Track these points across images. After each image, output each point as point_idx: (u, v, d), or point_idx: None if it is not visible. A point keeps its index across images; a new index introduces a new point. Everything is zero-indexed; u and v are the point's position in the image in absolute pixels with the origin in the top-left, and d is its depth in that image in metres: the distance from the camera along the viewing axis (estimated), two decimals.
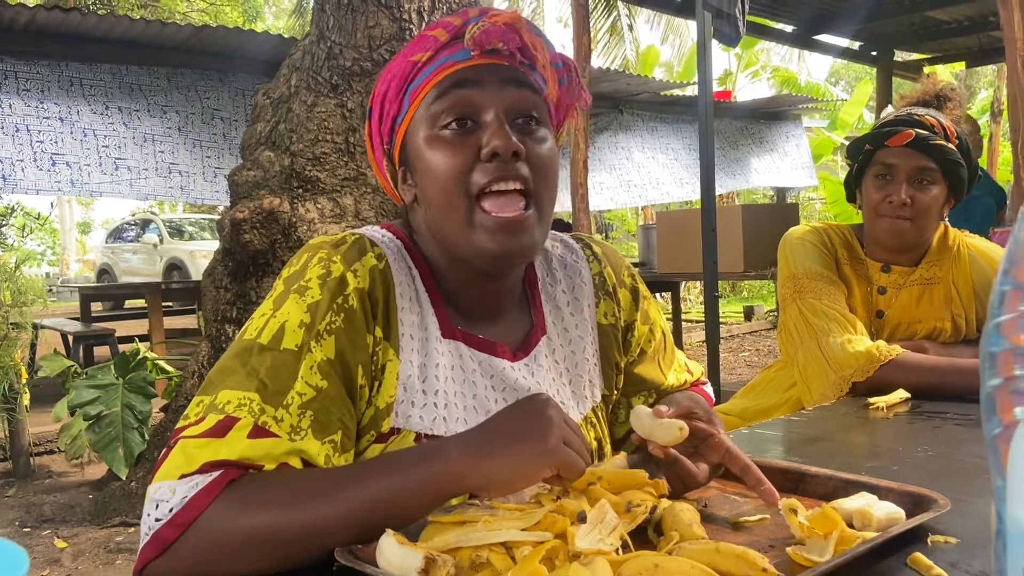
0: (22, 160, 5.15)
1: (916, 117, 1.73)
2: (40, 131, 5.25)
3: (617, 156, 8.64)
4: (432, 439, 0.94)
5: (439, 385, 0.97)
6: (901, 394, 1.56)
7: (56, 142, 5.30)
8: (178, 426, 0.85)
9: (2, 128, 5.10)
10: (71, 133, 5.37)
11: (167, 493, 0.79)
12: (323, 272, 0.92)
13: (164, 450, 0.84)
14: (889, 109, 1.87)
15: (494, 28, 0.93)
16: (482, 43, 0.94)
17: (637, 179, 8.76)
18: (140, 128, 5.66)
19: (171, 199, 5.88)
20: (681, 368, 1.26)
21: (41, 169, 5.23)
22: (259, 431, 0.83)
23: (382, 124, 1.02)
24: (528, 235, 0.94)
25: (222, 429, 0.82)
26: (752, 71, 15.14)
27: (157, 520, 0.78)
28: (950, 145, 1.71)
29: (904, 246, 1.80)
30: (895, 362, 1.61)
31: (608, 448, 1.15)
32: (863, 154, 1.80)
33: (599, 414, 1.14)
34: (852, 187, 1.87)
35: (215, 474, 0.80)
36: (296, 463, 0.84)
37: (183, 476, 0.80)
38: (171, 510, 0.78)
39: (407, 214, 1.05)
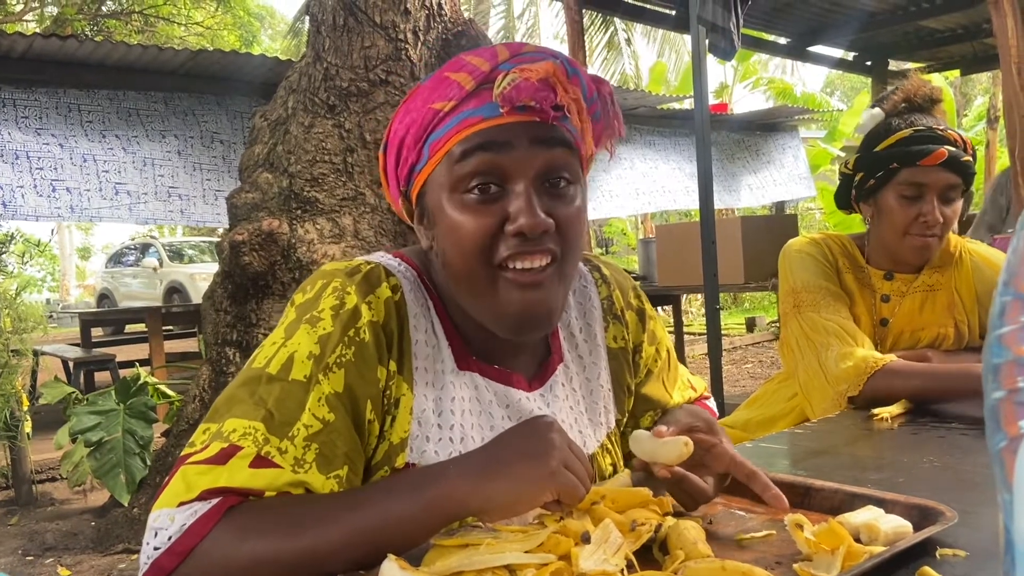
0: (22, 187, 5.15)
1: (940, 132, 1.70)
2: (40, 157, 5.25)
3: (621, 166, 8.65)
4: None
5: (455, 419, 0.95)
6: (904, 404, 1.55)
7: (56, 168, 5.30)
8: (183, 453, 0.84)
9: (1, 155, 5.10)
10: (71, 159, 5.37)
11: (166, 521, 0.78)
12: (336, 303, 0.91)
13: (167, 477, 0.83)
14: (875, 111, 1.84)
15: (526, 85, 0.86)
16: (512, 100, 0.86)
17: (644, 187, 8.77)
18: (139, 152, 5.66)
19: (171, 223, 5.86)
20: (685, 386, 1.25)
21: (41, 195, 5.22)
22: (261, 461, 0.82)
23: (399, 167, 0.97)
24: (548, 299, 0.90)
25: (224, 457, 0.81)
26: (752, 81, 15.15)
27: (156, 549, 0.77)
28: (970, 159, 1.71)
29: (926, 260, 1.80)
30: (886, 370, 1.60)
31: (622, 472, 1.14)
32: (886, 171, 1.75)
33: (613, 439, 1.13)
34: (859, 198, 1.84)
35: (214, 501, 0.79)
36: (299, 493, 0.83)
37: (182, 504, 0.79)
38: (170, 538, 0.77)
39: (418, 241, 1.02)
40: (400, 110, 0.97)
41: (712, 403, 1.30)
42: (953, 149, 1.69)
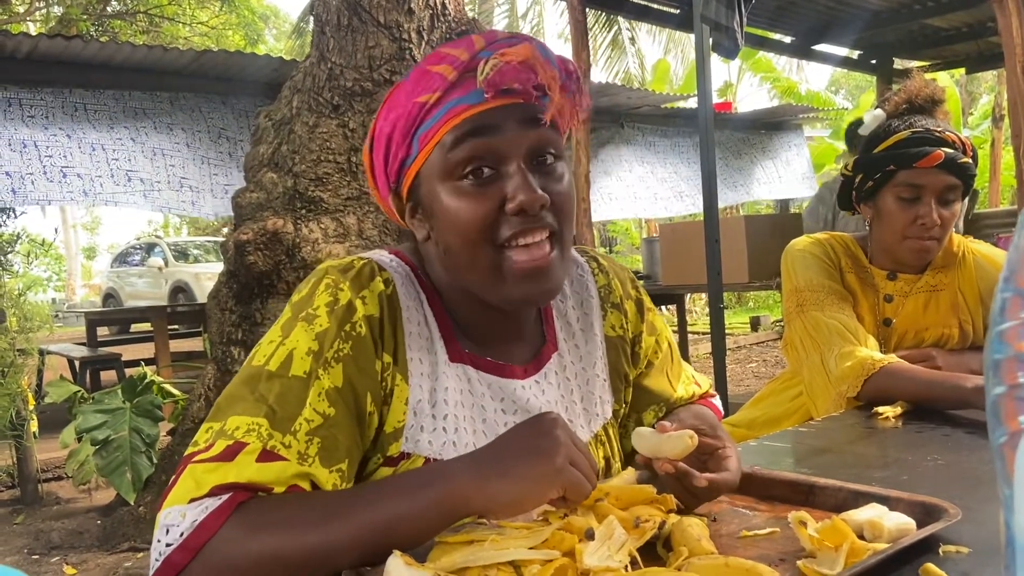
0: (31, 173, 5.11)
1: (937, 134, 1.69)
2: (48, 146, 5.22)
3: (622, 168, 8.67)
4: None
5: (448, 410, 0.96)
6: (904, 404, 1.55)
7: (65, 156, 5.26)
8: (187, 452, 0.85)
9: (9, 145, 5.09)
10: (79, 147, 5.34)
11: (177, 518, 0.79)
12: (331, 299, 0.92)
13: (173, 476, 0.84)
14: (878, 112, 1.84)
15: (508, 68, 0.89)
16: (496, 84, 0.89)
17: (641, 191, 8.80)
18: (148, 143, 5.65)
19: (184, 213, 5.87)
20: (689, 380, 1.26)
21: (51, 180, 5.18)
22: (268, 455, 0.83)
23: (388, 164, 0.98)
24: (553, 278, 0.94)
25: (231, 454, 0.82)
26: (762, 76, 15.05)
27: (168, 545, 0.78)
28: (970, 160, 1.70)
29: (926, 263, 1.79)
30: (884, 371, 1.59)
31: (618, 465, 1.14)
32: (884, 172, 1.74)
33: (610, 431, 1.13)
34: (859, 200, 1.83)
35: (224, 497, 0.80)
36: (306, 486, 0.84)
37: (192, 500, 0.80)
38: (181, 534, 0.78)
39: (415, 239, 1.04)
40: (382, 109, 0.98)
41: (717, 401, 1.30)
42: (951, 151, 1.68)
